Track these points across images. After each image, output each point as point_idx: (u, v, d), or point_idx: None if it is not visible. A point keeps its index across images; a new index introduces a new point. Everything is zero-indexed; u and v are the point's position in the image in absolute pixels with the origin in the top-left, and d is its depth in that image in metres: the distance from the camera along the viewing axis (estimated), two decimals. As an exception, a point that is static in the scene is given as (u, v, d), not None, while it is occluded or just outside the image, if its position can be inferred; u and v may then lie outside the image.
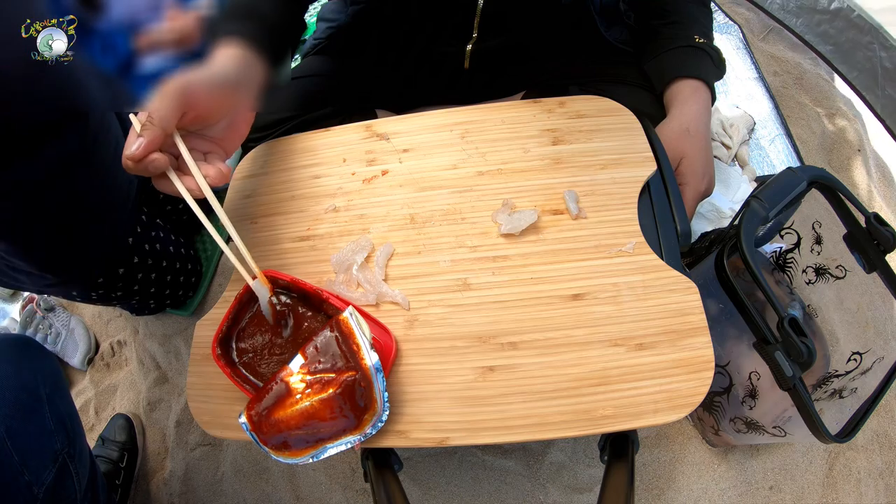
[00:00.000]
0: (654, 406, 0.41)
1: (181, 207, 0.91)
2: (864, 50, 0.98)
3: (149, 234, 0.80)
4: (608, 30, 0.72)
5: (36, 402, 0.56)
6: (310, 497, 0.80)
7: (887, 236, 0.54)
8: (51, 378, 0.60)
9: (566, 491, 0.76)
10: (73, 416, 0.62)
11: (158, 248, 0.82)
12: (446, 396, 0.44)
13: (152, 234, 0.81)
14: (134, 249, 0.77)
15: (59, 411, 0.59)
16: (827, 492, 0.75)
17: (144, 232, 0.79)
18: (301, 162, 0.58)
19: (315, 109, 0.75)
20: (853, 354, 0.61)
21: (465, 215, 0.52)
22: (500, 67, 0.77)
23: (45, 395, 0.57)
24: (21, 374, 0.56)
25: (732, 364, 0.63)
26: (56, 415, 0.58)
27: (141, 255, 0.78)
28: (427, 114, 0.59)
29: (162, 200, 0.88)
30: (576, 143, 0.54)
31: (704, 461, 0.76)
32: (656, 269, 0.47)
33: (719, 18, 1.15)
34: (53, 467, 0.55)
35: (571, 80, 0.77)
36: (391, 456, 0.47)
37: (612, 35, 0.72)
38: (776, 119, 1.00)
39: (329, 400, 0.39)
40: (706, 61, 0.66)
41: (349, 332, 0.41)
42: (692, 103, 0.65)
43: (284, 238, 0.54)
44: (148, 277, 0.80)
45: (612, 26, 0.73)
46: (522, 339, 0.45)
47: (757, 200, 0.54)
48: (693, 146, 0.62)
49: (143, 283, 0.80)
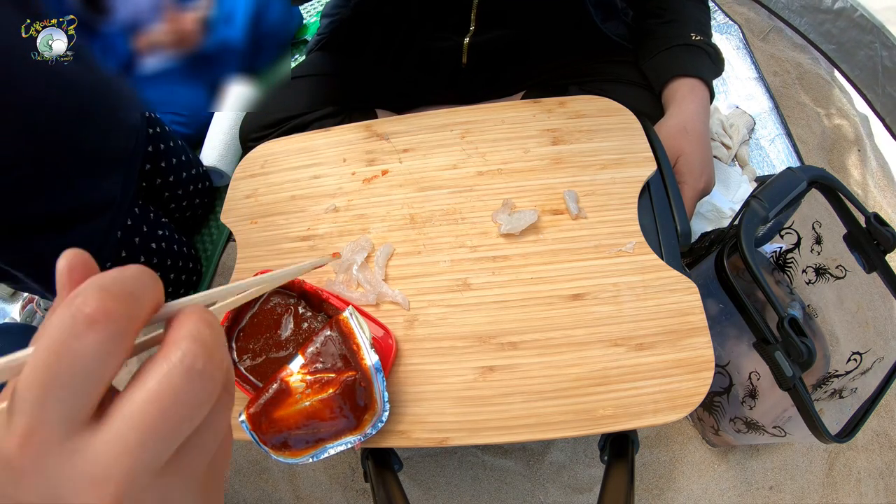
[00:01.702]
0: (654, 406, 0.41)
1: (185, 205, 0.91)
2: (865, 49, 0.98)
3: (155, 234, 0.80)
4: (604, 23, 0.72)
5: None
6: (310, 497, 0.80)
7: (887, 236, 0.54)
8: None
9: (566, 491, 0.76)
10: None
11: (164, 246, 0.82)
12: (446, 396, 0.44)
13: (159, 232, 0.81)
14: (136, 247, 0.77)
15: None
16: (827, 492, 0.75)
17: (150, 231, 0.79)
18: (301, 162, 0.58)
19: (315, 109, 0.75)
20: (853, 354, 0.61)
21: (465, 215, 0.52)
22: (498, 63, 0.77)
23: None
24: None
25: (732, 364, 0.63)
26: None
27: (145, 254, 0.78)
28: (427, 114, 0.59)
29: (167, 198, 0.88)
30: (576, 143, 0.54)
31: (704, 461, 0.76)
32: (656, 269, 0.47)
33: (719, 18, 1.15)
34: None
35: (571, 80, 0.77)
36: (391, 456, 0.47)
37: (609, 28, 0.72)
38: (776, 119, 1.00)
39: (329, 400, 0.39)
40: (703, 59, 0.66)
41: (349, 332, 0.41)
42: (689, 102, 0.65)
43: (284, 238, 0.54)
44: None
45: (609, 20, 0.73)
46: (522, 339, 0.45)
47: (757, 200, 0.54)
48: (690, 144, 0.62)
49: None
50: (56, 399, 0.15)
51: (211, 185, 0.97)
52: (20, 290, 0.79)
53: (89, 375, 0.15)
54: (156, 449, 0.16)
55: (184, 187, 0.89)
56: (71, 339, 0.15)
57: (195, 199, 0.92)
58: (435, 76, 0.80)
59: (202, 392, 0.16)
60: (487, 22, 0.69)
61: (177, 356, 0.16)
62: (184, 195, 0.89)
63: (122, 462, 0.15)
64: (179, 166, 0.87)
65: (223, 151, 0.97)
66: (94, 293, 0.15)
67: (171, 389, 0.16)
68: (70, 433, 0.15)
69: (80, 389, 0.15)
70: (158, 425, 0.15)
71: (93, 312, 0.15)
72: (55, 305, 0.17)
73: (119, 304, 0.16)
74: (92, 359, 0.15)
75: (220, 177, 0.99)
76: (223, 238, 1.00)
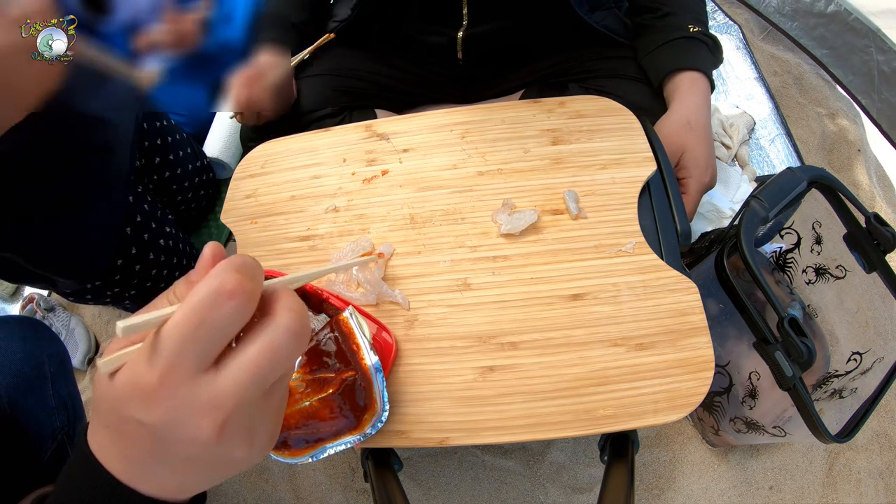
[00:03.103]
0: (654, 406, 0.41)
1: (190, 196, 0.92)
2: (860, 53, 0.97)
3: (163, 230, 0.80)
4: (591, 13, 0.71)
5: (40, 378, 0.57)
6: (310, 497, 0.80)
7: (887, 236, 0.54)
8: (57, 358, 0.60)
9: (566, 491, 0.76)
10: (75, 399, 0.62)
11: (171, 244, 0.82)
12: (446, 396, 0.44)
13: (167, 230, 0.81)
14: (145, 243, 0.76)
15: (62, 391, 0.59)
16: (827, 492, 0.75)
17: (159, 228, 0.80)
18: (301, 162, 0.58)
19: (315, 108, 0.75)
20: (853, 354, 0.61)
21: (465, 215, 0.52)
22: (494, 59, 0.77)
23: (49, 373, 0.58)
24: (27, 349, 0.57)
25: (732, 364, 0.63)
26: (59, 394, 0.58)
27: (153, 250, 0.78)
28: (427, 114, 0.59)
29: (174, 191, 0.89)
30: (576, 143, 0.54)
31: (704, 461, 0.76)
32: (656, 269, 0.47)
33: (719, 18, 1.15)
34: (52, 445, 0.56)
35: (570, 77, 0.77)
36: (391, 456, 0.47)
37: (597, 20, 0.71)
38: (776, 119, 1.00)
39: (329, 400, 0.39)
40: (702, 50, 0.66)
41: (349, 332, 0.41)
42: (692, 96, 0.65)
43: (284, 238, 0.54)
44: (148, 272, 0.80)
45: (596, 11, 0.72)
46: (522, 339, 0.45)
47: (757, 200, 0.54)
48: (695, 139, 0.63)
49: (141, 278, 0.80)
50: (193, 347, 0.20)
51: (214, 176, 0.98)
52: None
53: (221, 333, 0.20)
54: (259, 387, 0.21)
55: (189, 179, 0.90)
56: (213, 306, 0.20)
57: (200, 190, 0.94)
58: (432, 73, 0.80)
59: (297, 349, 0.22)
60: (479, 14, 0.69)
61: (282, 321, 0.22)
62: (189, 187, 0.91)
63: (234, 395, 0.21)
64: (185, 158, 0.89)
65: (226, 144, 0.98)
66: (233, 274, 0.20)
67: (277, 344, 0.21)
68: (199, 372, 0.21)
69: (213, 343, 0.21)
70: (265, 371, 0.21)
71: (234, 288, 0.20)
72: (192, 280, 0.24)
73: (251, 283, 0.21)
74: (226, 322, 0.20)
75: (222, 169, 1.00)
76: (223, 238, 1.00)
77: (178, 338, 0.20)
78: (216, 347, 0.21)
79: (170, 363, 0.20)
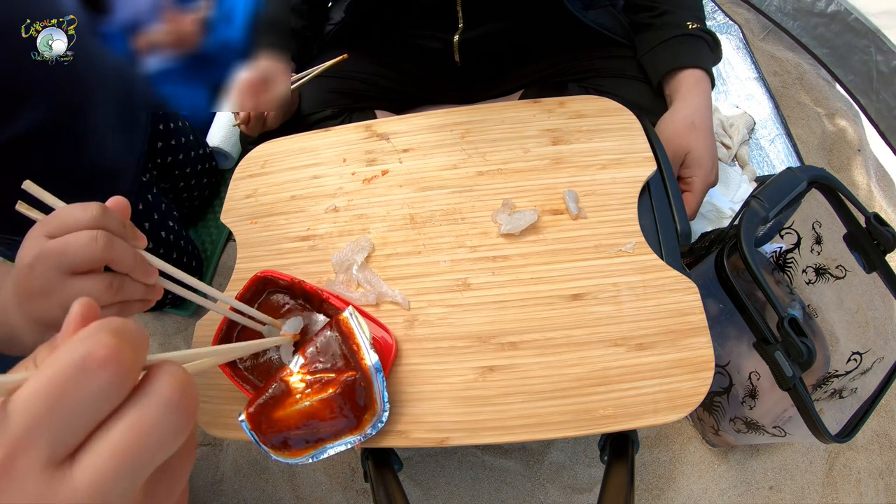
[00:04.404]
0: (654, 406, 0.41)
1: (193, 184, 0.93)
2: (860, 53, 0.97)
3: (165, 223, 0.80)
4: (585, 11, 0.70)
5: None
6: (310, 497, 0.80)
7: (887, 236, 0.54)
8: None
9: (566, 491, 0.76)
10: None
11: (172, 239, 0.82)
12: (446, 396, 0.44)
13: (169, 223, 0.81)
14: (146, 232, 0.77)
15: None
16: (827, 492, 0.75)
17: (161, 219, 0.80)
18: (301, 162, 0.58)
19: (315, 110, 0.75)
20: (853, 354, 0.61)
21: (465, 215, 0.52)
22: (492, 61, 0.77)
23: None
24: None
25: (732, 364, 0.63)
26: None
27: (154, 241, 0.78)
28: (427, 114, 0.59)
29: (177, 176, 0.89)
30: (576, 143, 0.54)
31: (704, 461, 0.76)
32: (656, 269, 0.47)
33: (719, 18, 1.15)
34: None
35: (569, 77, 0.77)
36: (391, 456, 0.47)
37: (592, 18, 0.71)
38: (776, 119, 1.00)
39: (329, 400, 0.39)
40: (701, 47, 0.66)
41: (349, 332, 0.41)
42: (694, 95, 0.65)
43: (284, 238, 0.54)
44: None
45: (591, 9, 0.72)
46: (522, 339, 0.45)
47: (757, 200, 0.54)
48: (699, 138, 0.63)
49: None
50: (50, 429, 0.15)
51: (216, 165, 0.99)
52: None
53: (86, 413, 0.16)
54: (129, 479, 0.16)
55: (192, 166, 0.91)
56: (80, 377, 0.15)
57: (203, 178, 0.95)
58: (431, 75, 0.80)
59: (179, 425, 0.17)
60: (474, 17, 0.69)
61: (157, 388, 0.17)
62: (192, 174, 0.91)
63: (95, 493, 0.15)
64: (188, 145, 0.89)
65: (228, 133, 0.99)
66: (108, 337, 0.16)
67: (150, 420, 0.16)
68: (53, 461, 0.15)
69: (74, 425, 0.16)
70: (134, 457, 0.16)
71: (107, 356, 0.16)
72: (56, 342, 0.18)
73: (130, 351, 0.16)
74: (95, 399, 0.16)
75: (224, 159, 1.01)
76: (223, 238, 1.00)
77: (28, 415, 0.15)
78: (78, 432, 0.16)
79: (14, 447, 0.15)
